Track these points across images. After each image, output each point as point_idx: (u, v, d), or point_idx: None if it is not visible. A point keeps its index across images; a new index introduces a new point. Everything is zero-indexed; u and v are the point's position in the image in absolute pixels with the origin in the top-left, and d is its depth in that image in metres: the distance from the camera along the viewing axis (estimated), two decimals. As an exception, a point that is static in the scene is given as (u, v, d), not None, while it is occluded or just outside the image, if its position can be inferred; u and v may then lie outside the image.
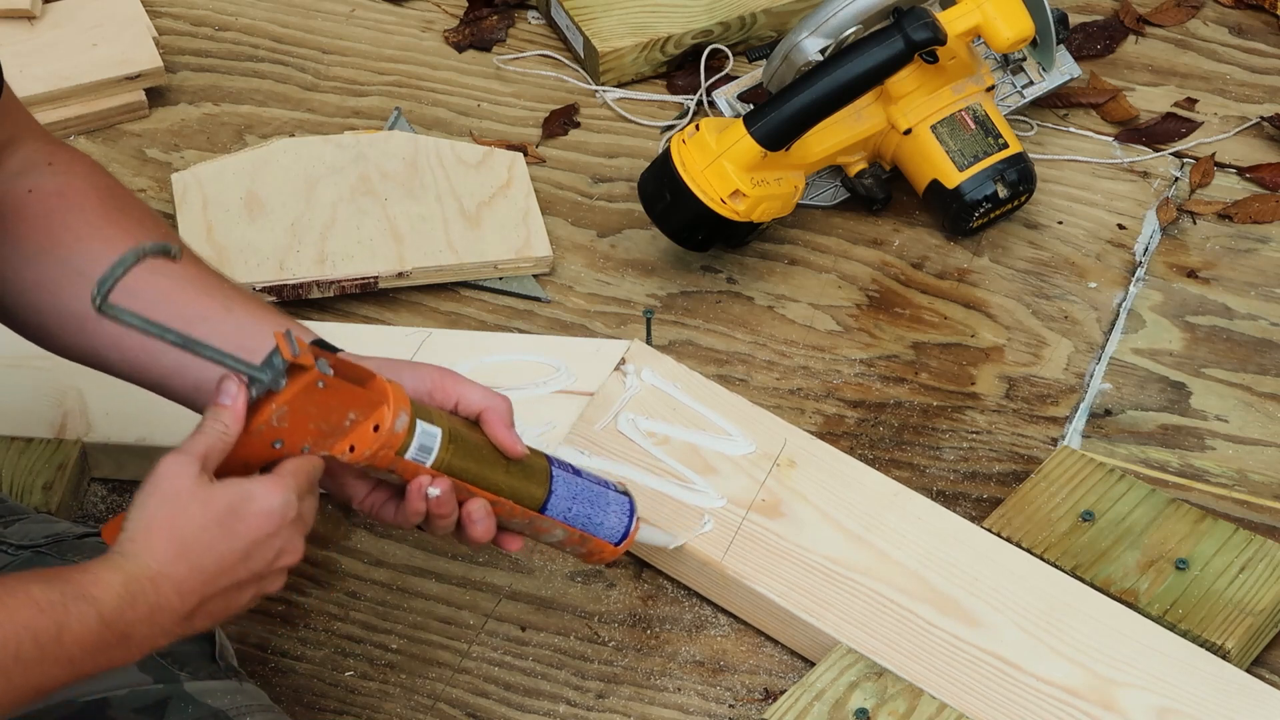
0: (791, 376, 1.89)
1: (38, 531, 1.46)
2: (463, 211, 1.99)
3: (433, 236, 1.96)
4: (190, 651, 1.40)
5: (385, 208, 1.99)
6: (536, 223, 1.99)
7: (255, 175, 2.02)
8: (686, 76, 2.20)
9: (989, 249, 2.03)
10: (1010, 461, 1.81)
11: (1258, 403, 1.87)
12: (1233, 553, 1.67)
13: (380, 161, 2.04)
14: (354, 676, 1.64)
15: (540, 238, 1.97)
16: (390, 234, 1.96)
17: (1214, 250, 2.02)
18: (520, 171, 2.04)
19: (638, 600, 1.69)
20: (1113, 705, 1.55)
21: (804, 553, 1.66)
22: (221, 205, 1.99)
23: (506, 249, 1.96)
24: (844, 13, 1.94)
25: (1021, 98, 2.12)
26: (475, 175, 2.03)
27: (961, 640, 1.60)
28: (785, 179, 1.93)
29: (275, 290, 1.91)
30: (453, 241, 1.96)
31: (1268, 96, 2.19)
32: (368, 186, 2.01)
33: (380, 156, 2.05)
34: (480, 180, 2.02)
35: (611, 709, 1.62)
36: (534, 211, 2.00)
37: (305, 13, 2.31)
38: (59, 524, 1.50)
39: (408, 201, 2.00)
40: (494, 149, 2.06)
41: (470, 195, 2.01)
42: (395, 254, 1.95)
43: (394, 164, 2.04)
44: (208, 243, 1.95)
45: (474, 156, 2.05)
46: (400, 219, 1.98)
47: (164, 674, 1.37)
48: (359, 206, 1.99)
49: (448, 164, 2.04)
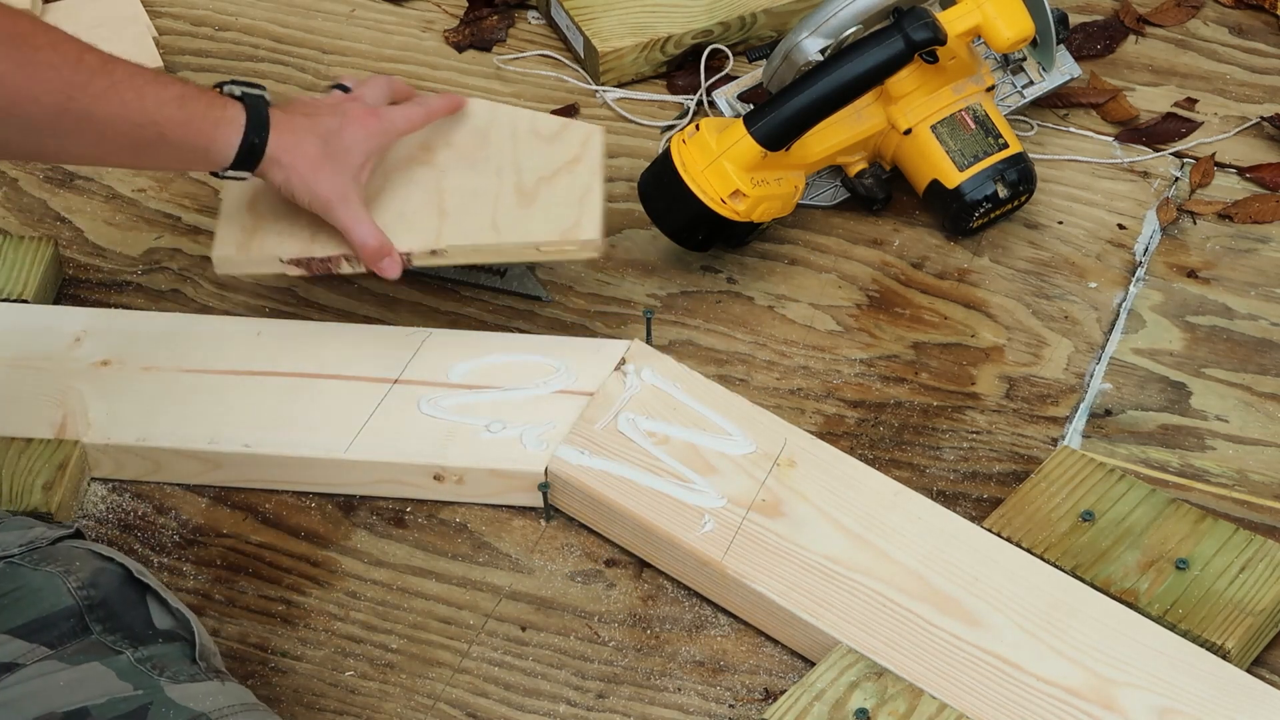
0: (791, 376, 1.89)
1: (12, 541, 1.46)
2: (519, 187, 1.84)
3: (479, 213, 1.82)
4: (170, 653, 1.40)
5: (440, 179, 1.84)
6: (594, 204, 1.82)
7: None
8: (686, 76, 2.21)
9: (989, 249, 2.03)
10: (1010, 461, 1.81)
11: (1258, 403, 1.87)
12: (1233, 553, 1.67)
13: (449, 129, 1.89)
14: (354, 676, 1.64)
15: (592, 220, 1.81)
16: (435, 208, 1.82)
17: (1214, 250, 2.02)
18: (595, 147, 1.88)
19: (638, 600, 1.69)
20: (1113, 705, 1.55)
21: (804, 552, 1.66)
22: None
23: (552, 229, 1.81)
24: (844, 13, 1.94)
25: (1021, 98, 2.12)
26: (545, 148, 1.88)
27: (962, 640, 1.60)
28: (785, 179, 1.93)
29: (303, 263, 1.80)
30: (498, 219, 1.81)
31: (1268, 96, 2.20)
32: (428, 156, 1.86)
33: (451, 124, 1.89)
34: (548, 154, 1.87)
35: (611, 709, 1.62)
36: (595, 191, 1.83)
37: (305, 13, 2.31)
38: (34, 529, 1.49)
39: (465, 174, 1.85)
40: (573, 122, 1.92)
41: (532, 170, 1.85)
42: (434, 230, 1.80)
43: (463, 133, 1.89)
44: (249, 211, 1.81)
45: (550, 128, 1.90)
46: (451, 193, 1.83)
47: (144, 680, 1.37)
48: (411, 176, 1.85)
49: (520, 135, 1.89)
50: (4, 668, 1.37)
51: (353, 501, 1.77)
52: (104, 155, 1.72)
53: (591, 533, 1.74)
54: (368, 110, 1.79)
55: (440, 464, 1.73)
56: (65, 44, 1.58)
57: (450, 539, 1.74)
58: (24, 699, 1.34)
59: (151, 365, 1.81)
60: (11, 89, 1.53)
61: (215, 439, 1.75)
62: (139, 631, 1.40)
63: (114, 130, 1.61)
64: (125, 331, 1.85)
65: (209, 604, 1.68)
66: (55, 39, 1.57)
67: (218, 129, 1.68)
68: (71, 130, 1.59)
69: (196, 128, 1.66)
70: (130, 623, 1.41)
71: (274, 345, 1.83)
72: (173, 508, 1.76)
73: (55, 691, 1.35)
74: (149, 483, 1.77)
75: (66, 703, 1.34)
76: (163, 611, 1.43)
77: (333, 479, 1.76)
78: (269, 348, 1.83)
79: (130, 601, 1.43)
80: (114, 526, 1.74)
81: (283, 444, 1.75)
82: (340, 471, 1.75)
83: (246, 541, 1.73)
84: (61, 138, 1.60)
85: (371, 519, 1.75)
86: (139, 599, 1.43)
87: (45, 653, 1.37)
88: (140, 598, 1.43)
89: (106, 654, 1.38)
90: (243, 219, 1.81)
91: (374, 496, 1.76)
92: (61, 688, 1.35)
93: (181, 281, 1.97)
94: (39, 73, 1.54)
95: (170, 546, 1.72)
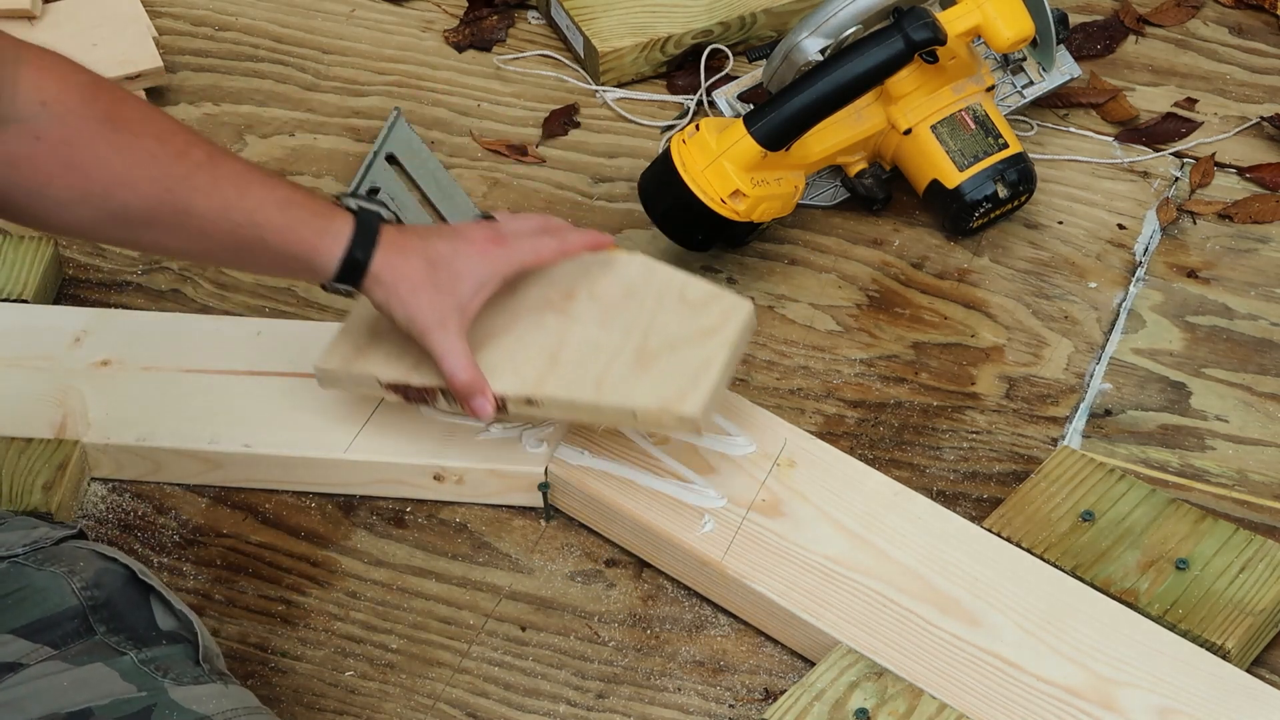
0: (791, 376, 1.89)
1: (16, 540, 1.46)
2: (641, 350, 1.68)
3: (588, 370, 1.68)
4: (173, 655, 1.40)
5: (566, 328, 1.70)
6: (708, 380, 1.64)
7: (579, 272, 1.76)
8: (686, 76, 2.21)
9: (989, 249, 2.03)
10: (1010, 461, 1.81)
11: (1258, 403, 1.87)
12: (1233, 553, 1.67)
13: (598, 280, 1.74)
14: (354, 676, 1.64)
15: (698, 397, 1.63)
16: (548, 356, 1.69)
17: (1214, 250, 2.02)
18: (736, 322, 1.70)
19: (638, 600, 1.69)
20: (1113, 705, 1.55)
21: (804, 552, 1.66)
22: None
23: (653, 398, 1.64)
24: (844, 13, 1.94)
25: (1021, 98, 2.12)
26: (684, 314, 1.71)
27: (962, 640, 1.60)
28: (785, 179, 1.93)
29: (400, 389, 1.70)
30: (604, 379, 1.66)
31: (1268, 96, 2.20)
32: (566, 304, 1.72)
33: (602, 274, 1.74)
34: (685, 320, 1.70)
35: (611, 709, 1.62)
36: (714, 367, 1.65)
37: (305, 13, 2.31)
38: (38, 529, 1.49)
39: (593, 327, 1.70)
40: (726, 292, 1.73)
41: (661, 334, 1.69)
42: (537, 378, 1.67)
43: (611, 286, 1.74)
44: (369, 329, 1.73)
45: (698, 295, 1.72)
46: (571, 344, 1.69)
47: (147, 681, 1.37)
48: (540, 320, 1.71)
49: (665, 297, 1.72)
50: (7, 667, 1.36)
51: (353, 501, 1.77)
52: (203, 253, 1.64)
53: (591, 533, 1.74)
54: (493, 236, 1.68)
55: (440, 464, 1.73)
56: (172, 134, 1.54)
57: (450, 539, 1.74)
58: (27, 699, 1.34)
59: (151, 365, 1.81)
60: (109, 175, 1.50)
61: (215, 439, 1.75)
62: (142, 633, 1.40)
63: (214, 228, 1.55)
64: (125, 331, 1.85)
65: (209, 604, 1.68)
66: (161, 128, 1.54)
67: (321, 239, 1.59)
68: (169, 223, 1.54)
69: (298, 235, 1.58)
70: (134, 624, 1.41)
71: (274, 345, 1.83)
72: (173, 508, 1.76)
73: (59, 692, 1.35)
74: (149, 483, 1.77)
75: (70, 703, 1.34)
76: (166, 613, 1.43)
77: (333, 479, 1.76)
78: (269, 348, 1.83)
79: (134, 602, 1.43)
80: (114, 526, 1.74)
81: (283, 444, 1.75)
82: (340, 471, 1.75)
83: (246, 541, 1.73)
84: (157, 230, 1.54)
85: (371, 519, 1.75)
86: (142, 600, 1.43)
87: (49, 653, 1.37)
88: (144, 599, 1.43)
89: (110, 655, 1.38)
90: (358, 337, 1.74)
91: (374, 496, 1.76)
92: (65, 688, 1.35)
93: (181, 281, 1.97)
94: (139, 160, 1.51)
95: (170, 546, 1.72)
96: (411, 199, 2.05)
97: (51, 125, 1.47)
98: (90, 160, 1.49)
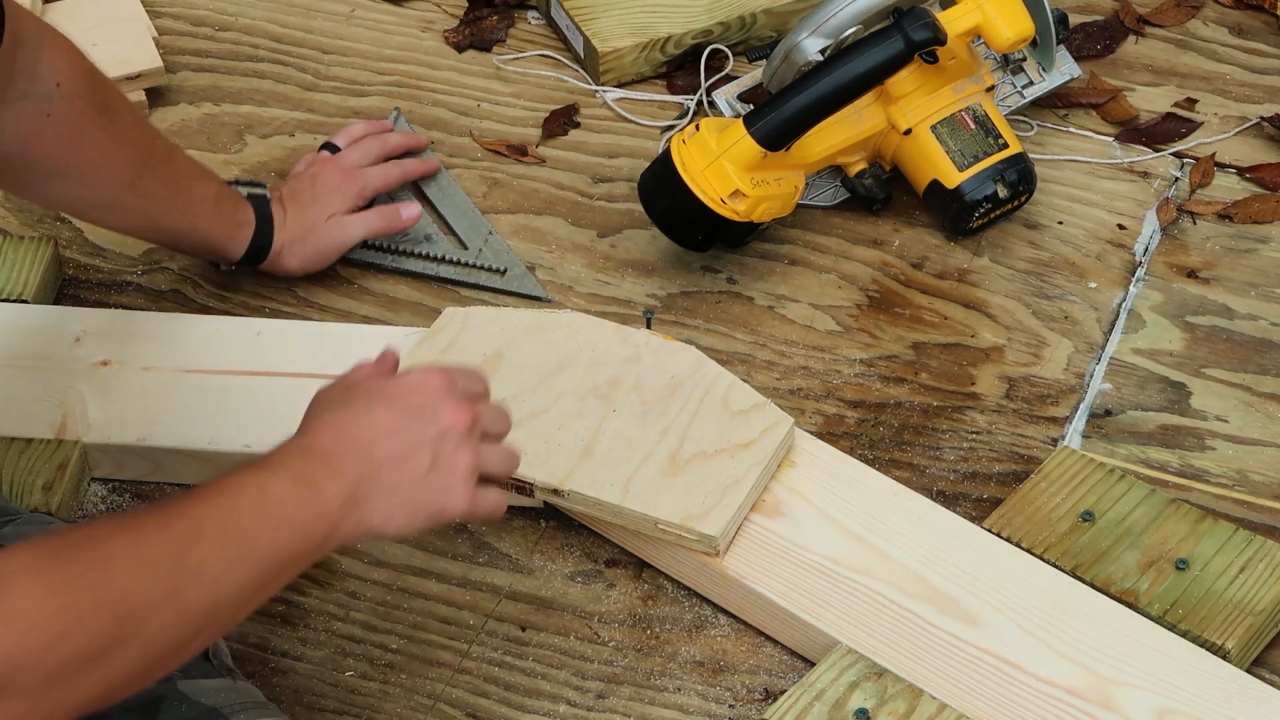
0: (791, 376, 1.89)
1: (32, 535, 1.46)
2: (674, 455, 1.68)
3: (619, 468, 1.67)
4: None
5: (605, 418, 1.71)
6: (734, 498, 1.65)
7: (520, 335, 1.78)
8: (686, 76, 2.20)
9: (989, 249, 2.03)
10: (1010, 461, 1.81)
11: (1258, 403, 1.87)
12: (1233, 553, 1.67)
13: (646, 369, 1.75)
14: (354, 676, 1.64)
15: (722, 516, 1.64)
16: (582, 447, 1.69)
17: (1214, 250, 2.02)
18: (774, 437, 1.69)
19: (638, 600, 1.69)
20: (1113, 705, 1.55)
21: (804, 553, 1.66)
22: (466, 355, 1.76)
23: (677, 511, 1.64)
24: (844, 13, 1.94)
25: (1021, 98, 2.12)
26: (724, 422, 1.71)
27: (961, 640, 1.60)
28: (785, 179, 1.93)
29: None
30: (633, 482, 1.66)
31: (1268, 96, 2.20)
32: (610, 390, 1.73)
33: (653, 367, 1.75)
34: (723, 429, 1.70)
35: (611, 709, 1.62)
36: (744, 485, 1.66)
37: (305, 13, 2.31)
38: (53, 524, 1.49)
39: (632, 421, 1.71)
40: (770, 404, 1.72)
41: (697, 440, 1.69)
42: (567, 470, 1.67)
43: (657, 377, 1.75)
44: None
45: (742, 403, 1.72)
46: (607, 436, 1.70)
47: None
48: (581, 407, 1.72)
49: (708, 400, 1.73)
50: None
51: (353, 501, 1.76)
52: (143, 232, 1.86)
53: (591, 533, 1.74)
54: (343, 175, 1.96)
55: (440, 464, 1.73)
56: (145, 125, 1.79)
57: (450, 539, 1.74)
58: None
59: (151, 365, 1.81)
60: (98, 158, 1.70)
61: (215, 439, 1.75)
62: None
63: (164, 214, 1.80)
64: (125, 331, 1.85)
65: (209, 604, 1.68)
66: (138, 118, 1.76)
67: (239, 230, 1.87)
68: (129, 207, 1.76)
69: (222, 227, 1.85)
70: None
71: (274, 345, 1.83)
72: (173, 508, 1.75)
73: None
74: (149, 483, 1.77)
75: None
76: None
77: (333, 479, 1.75)
78: (269, 348, 1.83)
79: None
80: (114, 526, 1.74)
81: (283, 444, 1.75)
82: (340, 471, 1.75)
83: (246, 541, 1.73)
84: (119, 213, 1.78)
85: (371, 519, 1.75)
86: None
87: None
88: None
89: None
90: None
91: (374, 496, 1.76)
92: None
93: (181, 281, 1.97)
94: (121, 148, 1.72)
95: (170, 546, 1.72)
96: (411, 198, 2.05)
97: (61, 105, 1.64)
98: (87, 142, 1.68)
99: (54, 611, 1.15)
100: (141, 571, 1.21)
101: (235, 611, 1.27)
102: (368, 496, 1.34)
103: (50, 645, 1.15)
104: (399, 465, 1.36)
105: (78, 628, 1.16)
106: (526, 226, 2.05)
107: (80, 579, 1.17)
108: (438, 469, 1.37)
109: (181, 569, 1.22)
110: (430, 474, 1.37)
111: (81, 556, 1.19)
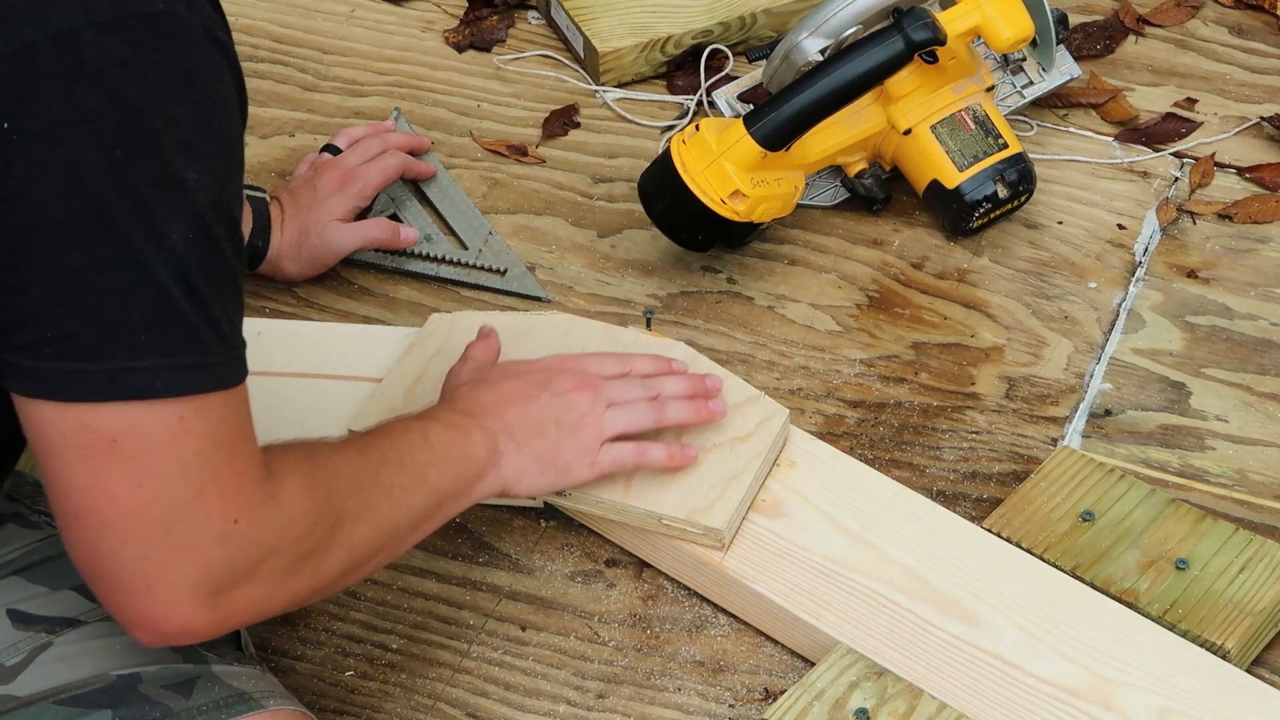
0: (791, 376, 1.89)
1: None
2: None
3: None
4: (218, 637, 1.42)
5: None
6: (736, 492, 1.65)
7: (509, 338, 1.74)
8: (686, 76, 2.21)
9: (989, 249, 2.03)
10: (1010, 461, 1.81)
11: (1258, 403, 1.87)
12: (1233, 553, 1.68)
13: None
14: (354, 676, 1.64)
15: (725, 509, 1.64)
16: None
17: (1214, 250, 2.02)
18: (770, 430, 1.69)
19: (638, 600, 1.69)
20: (1113, 705, 1.55)
21: (804, 553, 1.66)
22: (451, 359, 1.71)
23: (681, 506, 1.64)
24: (844, 13, 1.94)
25: (1021, 98, 2.12)
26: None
27: (961, 640, 1.60)
28: (785, 179, 1.93)
29: None
30: (636, 479, 1.66)
31: (1268, 96, 2.20)
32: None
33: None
34: (720, 423, 1.70)
35: (611, 709, 1.62)
36: (745, 478, 1.66)
37: (305, 13, 2.31)
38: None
39: None
40: (764, 397, 1.72)
41: (697, 435, 1.69)
42: None
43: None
44: (405, 391, 1.74)
45: (737, 397, 1.72)
46: None
47: (193, 655, 1.40)
48: None
49: None
50: (66, 622, 1.40)
51: (353, 501, 1.76)
52: None
53: (591, 533, 1.74)
54: (343, 176, 1.95)
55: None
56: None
57: (450, 539, 1.74)
58: (80, 655, 1.38)
59: (152, 365, 1.81)
60: None
61: (215, 439, 1.75)
62: None
63: None
64: (125, 331, 1.85)
65: (209, 604, 1.68)
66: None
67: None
68: None
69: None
70: None
71: (274, 345, 1.83)
72: (173, 508, 1.75)
73: (112, 653, 1.38)
74: (149, 483, 1.77)
75: (121, 665, 1.37)
76: None
77: (333, 479, 1.75)
78: (269, 348, 1.83)
79: None
80: (114, 526, 1.73)
81: (283, 444, 1.75)
82: (340, 472, 1.75)
83: (246, 541, 1.73)
84: None
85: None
86: None
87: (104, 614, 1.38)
88: None
89: None
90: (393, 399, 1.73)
91: (374, 496, 1.76)
92: (118, 650, 1.38)
93: (181, 281, 1.97)
94: None
95: (170, 546, 1.72)
96: (411, 199, 2.05)
97: None
98: None
99: (307, 507, 1.29)
100: (354, 485, 1.37)
101: (405, 536, 1.43)
102: (502, 452, 1.54)
103: (300, 538, 1.29)
104: (528, 428, 1.56)
105: (316, 527, 1.30)
106: (526, 227, 2.05)
107: (322, 485, 1.32)
108: (563, 432, 1.58)
109: (377, 487, 1.39)
110: (557, 437, 1.57)
111: (324, 465, 1.35)
